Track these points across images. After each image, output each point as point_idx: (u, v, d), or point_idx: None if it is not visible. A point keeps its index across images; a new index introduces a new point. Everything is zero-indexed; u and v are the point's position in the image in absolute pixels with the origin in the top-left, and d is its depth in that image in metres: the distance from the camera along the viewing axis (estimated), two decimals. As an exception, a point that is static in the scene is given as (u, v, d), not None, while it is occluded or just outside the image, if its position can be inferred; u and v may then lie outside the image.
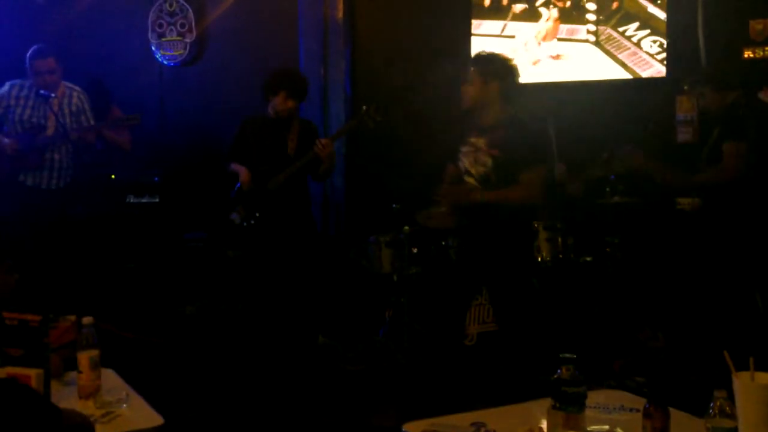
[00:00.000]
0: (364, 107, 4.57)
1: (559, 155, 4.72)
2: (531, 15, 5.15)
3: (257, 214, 4.52)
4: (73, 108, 4.97)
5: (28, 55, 4.83)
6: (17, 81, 4.90)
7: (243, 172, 4.58)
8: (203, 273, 5.22)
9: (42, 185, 4.89)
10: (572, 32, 5.06)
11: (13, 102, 4.86)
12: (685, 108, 4.71)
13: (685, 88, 4.67)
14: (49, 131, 4.85)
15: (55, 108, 4.85)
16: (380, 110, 4.49)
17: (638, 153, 4.17)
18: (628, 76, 4.89)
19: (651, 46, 4.82)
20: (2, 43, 5.56)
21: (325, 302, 4.77)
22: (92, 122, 5.04)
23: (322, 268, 4.80)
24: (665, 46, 4.77)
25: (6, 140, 4.79)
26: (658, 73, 4.82)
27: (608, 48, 4.95)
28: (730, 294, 3.96)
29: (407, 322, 4.54)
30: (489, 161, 3.58)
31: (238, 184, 4.59)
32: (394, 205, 4.85)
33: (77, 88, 5.06)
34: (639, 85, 4.89)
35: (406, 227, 4.60)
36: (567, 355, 1.99)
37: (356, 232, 5.36)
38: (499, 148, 3.55)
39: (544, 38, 5.12)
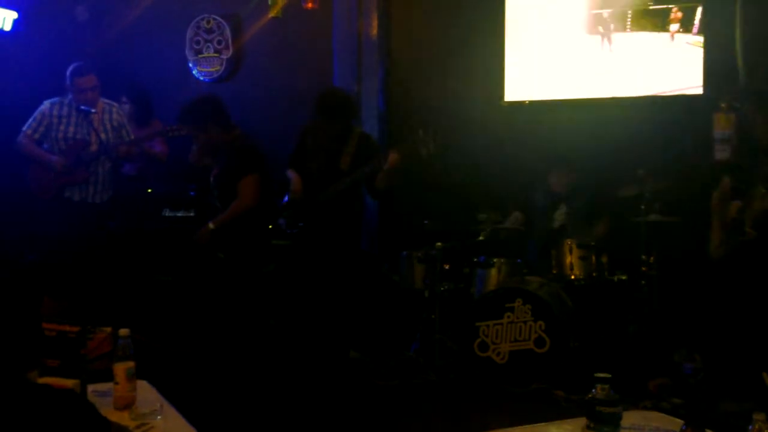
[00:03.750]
0: (421, 131, 4.31)
1: (593, 174, 4.72)
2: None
3: (300, 224, 4.55)
4: (114, 123, 5.10)
5: (68, 71, 4.95)
6: (56, 99, 5.03)
7: (295, 180, 4.61)
8: (236, 285, 5.25)
9: (88, 199, 5.02)
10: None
11: (55, 120, 4.98)
12: (722, 125, 4.64)
13: (723, 105, 4.62)
14: (93, 147, 4.97)
15: (96, 124, 4.96)
16: (437, 138, 4.27)
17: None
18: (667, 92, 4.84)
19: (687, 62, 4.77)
20: (44, 61, 5.71)
21: (357, 316, 4.77)
22: (132, 137, 5.15)
23: (357, 283, 4.80)
24: (703, 62, 4.71)
25: (54, 157, 4.92)
26: (696, 89, 4.76)
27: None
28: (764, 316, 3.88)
29: (439, 338, 4.52)
30: (211, 179, 4.56)
31: (288, 193, 4.63)
32: (425, 222, 4.85)
33: (115, 104, 5.19)
34: (675, 102, 4.84)
35: (439, 243, 4.60)
36: (602, 375, 1.96)
37: (389, 247, 5.37)
38: (219, 167, 4.49)
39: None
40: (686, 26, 4.75)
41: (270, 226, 4.66)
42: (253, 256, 4.51)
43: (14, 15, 5.83)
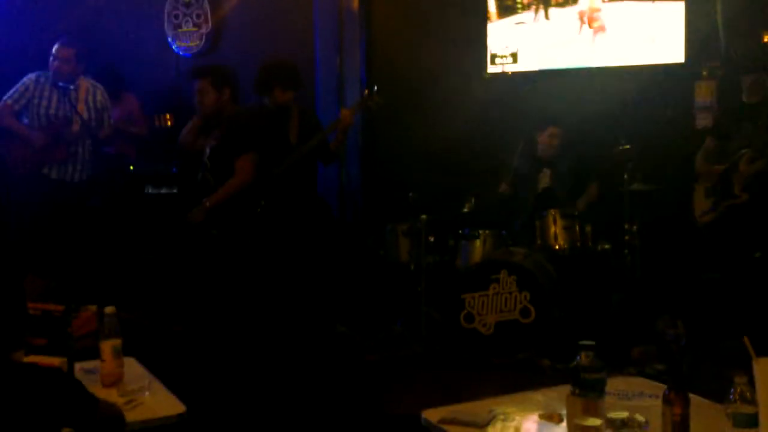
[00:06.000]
0: (366, 91, 4.66)
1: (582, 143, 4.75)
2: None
3: (262, 202, 4.50)
4: (98, 105, 5.04)
5: (55, 45, 4.88)
6: (40, 72, 4.94)
7: None
8: (220, 262, 5.24)
9: (66, 178, 4.95)
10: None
11: (37, 94, 4.90)
12: (703, 94, 4.67)
13: (704, 73, 4.63)
14: (75, 126, 4.90)
15: (80, 103, 4.89)
16: (381, 94, 4.51)
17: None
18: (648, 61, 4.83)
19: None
20: (21, 37, 5.61)
21: (343, 291, 4.78)
22: (111, 120, 5.11)
23: (339, 255, 4.81)
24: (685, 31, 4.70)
25: (34, 132, 4.85)
26: (678, 58, 4.75)
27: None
28: (750, 280, 3.93)
29: (425, 311, 4.55)
30: (208, 150, 4.45)
31: None
32: (410, 194, 4.85)
33: (99, 85, 5.11)
34: (657, 71, 4.84)
35: (423, 216, 4.60)
36: (586, 342, 1.98)
37: (373, 220, 5.37)
38: (217, 138, 4.40)
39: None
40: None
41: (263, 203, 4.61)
42: (247, 233, 4.48)
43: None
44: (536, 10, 5.10)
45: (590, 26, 4.94)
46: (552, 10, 5.07)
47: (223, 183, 4.39)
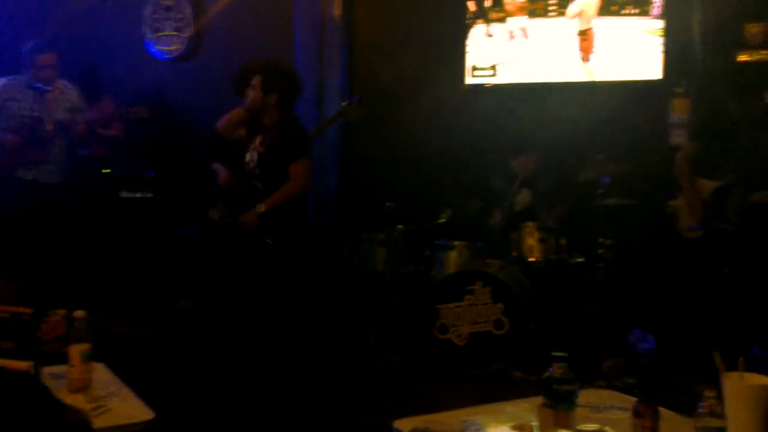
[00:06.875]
0: (346, 101, 4.64)
1: (554, 158, 4.78)
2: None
3: (238, 210, 4.43)
4: (72, 105, 4.99)
5: (27, 49, 4.83)
6: (11, 76, 4.91)
7: (221, 171, 4.54)
8: (196, 268, 5.21)
9: (40, 180, 4.90)
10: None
11: (9, 96, 4.85)
12: (678, 110, 4.72)
13: (679, 90, 4.69)
14: (48, 126, 4.86)
15: (53, 104, 4.85)
16: (362, 104, 4.51)
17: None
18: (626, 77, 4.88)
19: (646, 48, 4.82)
20: (-1, 37, 5.56)
21: (319, 300, 4.76)
22: (86, 119, 5.05)
23: (315, 264, 4.78)
24: (663, 47, 4.75)
25: (7, 135, 4.80)
26: (655, 74, 4.80)
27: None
28: (721, 295, 3.98)
29: (399, 321, 4.54)
30: (256, 156, 4.23)
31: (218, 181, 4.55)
32: (387, 203, 4.86)
33: (72, 85, 5.08)
34: (634, 87, 4.89)
35: (400, 226, 4.61)
36: (558, 354, 1.99)
37: (350, 229, 5.36)
38: (266, 145, 4.19)
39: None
40: (645, 11, 4.78)
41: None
42: (302, 242, 4.32)
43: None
44: (517, 24, 5.14)
45: (580, 44, 4.95)
46: (532, 24, 5.10)
47: (272, 190, 4.22)
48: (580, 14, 4.93)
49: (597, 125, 4.83)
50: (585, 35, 4.91)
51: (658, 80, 4.75)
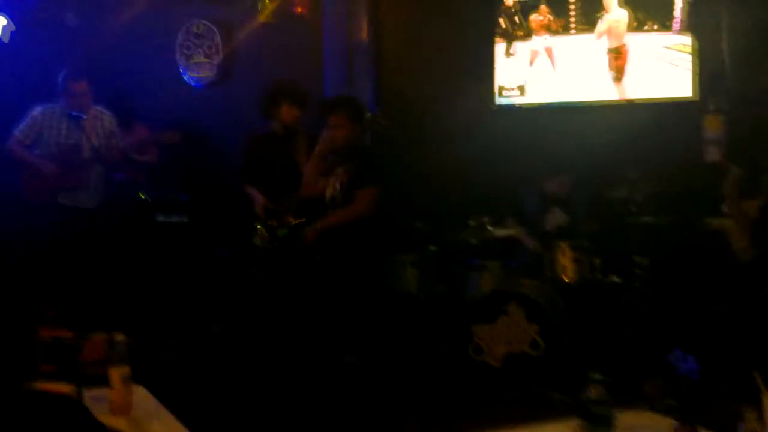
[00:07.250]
0: (369, 114, 4.68)
1: (585, 177, 4.75)
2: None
3: (279, 236, 4.49)
4: (106, 131, 5.10)
5: (61, 77, 4.95)
6: (48, 105, 5.03)
7: (257, 197, 4.58)
8: (230, 292, 5.25)
9: (78, 205, 5.01)
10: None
11: (47, 125, 4.98)
12: (713, 127, 4.67)
13: (711, 108, 4.64)
14: (85, 153, 4.97)
15: (88, 130, 4.97)
16: (386, 115, 4.56)
17: None
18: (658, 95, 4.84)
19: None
20: (34, 66, 5.69)
21: (353, 321, 4.76)
22: (120, 145, 5.16)
23: (352, 286, 4.79)
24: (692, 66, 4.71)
25: (46, 162, 4.92)
26: (687, 92, 4.75)
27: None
28: (761, 314, 3.90)
29: (433, 342, 4.52)
30: (336, 189, 4.33)
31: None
32: (417, 224, 4.85)
33: (107, 111, 5.19)
34: (666, 105, 4.85)
35: (432, 247, 4.60)
36: (595, 375, 1.97)
37: (379, 250, 5.35)
38: (347, 175, 4.28)
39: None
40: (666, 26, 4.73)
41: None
42: (348, 264, 4.39)
43: (3, 22, 5.80)
44: (541, 43, 5.14)
45: (613, 62, 4.92)
46: (556, 42, 5.09)
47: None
48: (609, 31, 4.92)
49: (629, 143, 4.80)
50: (618, 53, 4.88)
51: (690, 98, 4.71)
